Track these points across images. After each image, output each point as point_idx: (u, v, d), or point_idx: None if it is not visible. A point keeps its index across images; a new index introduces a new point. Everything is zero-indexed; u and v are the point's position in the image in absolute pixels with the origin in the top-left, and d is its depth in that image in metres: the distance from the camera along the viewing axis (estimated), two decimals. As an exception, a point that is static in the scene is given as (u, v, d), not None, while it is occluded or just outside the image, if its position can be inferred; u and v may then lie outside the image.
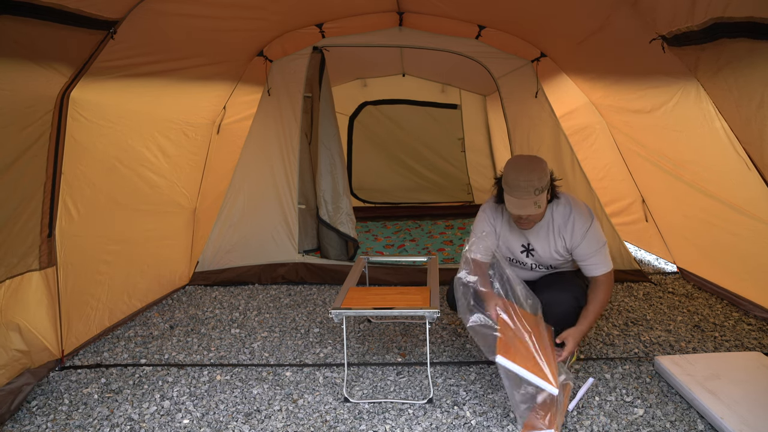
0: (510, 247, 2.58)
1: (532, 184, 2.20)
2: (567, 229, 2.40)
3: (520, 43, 4.00)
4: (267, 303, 3.72)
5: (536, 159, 2.32)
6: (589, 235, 2.38)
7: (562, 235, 2.42)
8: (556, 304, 2.38)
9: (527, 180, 2.20)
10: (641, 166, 4.00)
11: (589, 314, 2.37)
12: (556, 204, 2.43)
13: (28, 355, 2.50)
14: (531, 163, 2.28)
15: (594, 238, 2.39)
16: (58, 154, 2.57)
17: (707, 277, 3.70)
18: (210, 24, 3.11)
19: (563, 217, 2.41)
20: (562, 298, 2.39)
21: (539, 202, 2.22)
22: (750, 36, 1.83)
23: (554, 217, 2.43)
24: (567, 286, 2.45)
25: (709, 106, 2.60)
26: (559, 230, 2.42)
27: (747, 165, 2.56)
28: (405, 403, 2.37)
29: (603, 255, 2.41)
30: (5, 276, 2.38)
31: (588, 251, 2.40)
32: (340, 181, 4.19)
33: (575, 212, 2.39)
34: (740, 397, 2.19)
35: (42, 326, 2.59)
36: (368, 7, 3.84)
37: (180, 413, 2.34)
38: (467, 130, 6.56)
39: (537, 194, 2.21)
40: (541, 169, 2.25)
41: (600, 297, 2.39)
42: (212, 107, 4.04)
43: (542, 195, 2.23)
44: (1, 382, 2.32)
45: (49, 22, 2.11)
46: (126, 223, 3.27)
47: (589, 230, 2.37)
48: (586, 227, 2.37)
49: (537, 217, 2.35)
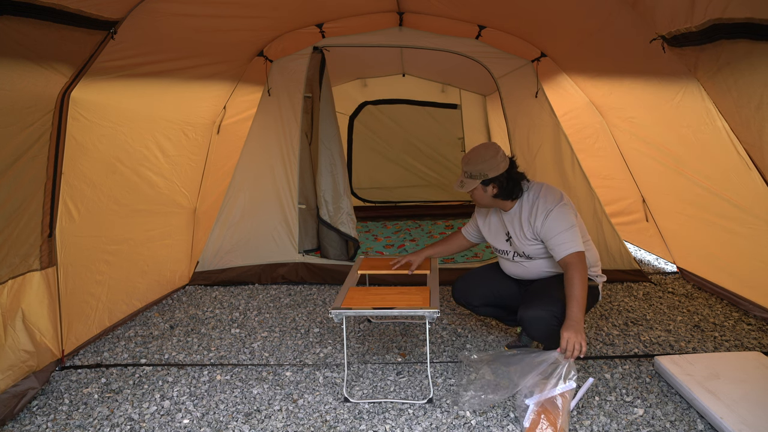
0: (497, 236, 2.70)
1: (468, 167, 2.48)
2: (533, 215, 2.46)
3: (520, 43, 4.00)
4: (267, 303, 3.73)
5: (486, 145, 2.52)
6: (552, 216, 2.39)
7: (530, 220, 2.48)
8: (537, 323, 2.35)
9: (466, 161, 2.49)
10: (642, 166, 4.00)
11: (572, 300, 2.24)
12: (527, 193, 2.53)
13: (35, 357, 2.49)
14: (477, 148, 2.53)
15: (558, 219, 2.38)
16: (58, 154, 2.57)
17: (707, 277, 3.70)
18: (210, 24, 3.12)
19: (530, 203, 2.50)
20: (541, 316, 2.34)
21: (464, 184, 2.50)
22: (749, 37, 1.83)
23: (523, 205, 2.53)
24: (546, 303, 2.36)
25: (710, 105, 2.60)
26: (528, 217, 2.49)
27: (748, 165, 2.57)
28: (405, 403, 2.37)
29: (569, 234, 2.35)
30: (8, 276, 2.37)
31: (552, 232, 2.38)
32: (341, 181, 4.19)
33: (541, 197, 2.47)
34: (740, 397, 2.19)
35: (44, 326, 2.59)
36: (368, 7, 3.84)
37: (180, 413, 2.35)
38: (467, 129, 6.57)
39: (466, 177, 2.48)
40: (482, 154, 2.46)
41: (575, 279, 2.27)
42: (212, 107, 4.04)
43: (471, 181, 2.46)
44: (6, 384, 2.31)
45: (50, 22, 2.11)
46: (126, 223, 3.27)
47: (552, 211, 2.39)
48: (549, 209, 2.41)
49: (476, 200, 2.59)
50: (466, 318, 3.34)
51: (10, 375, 2.34)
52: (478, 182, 2.45)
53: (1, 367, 2.31)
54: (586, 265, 2.34)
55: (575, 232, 2.38)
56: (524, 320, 2.38)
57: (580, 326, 2.19)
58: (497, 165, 2.43)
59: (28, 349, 2.45)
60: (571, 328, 2.16)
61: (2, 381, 2.29)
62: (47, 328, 2.62)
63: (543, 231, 2.42)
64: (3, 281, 2.35)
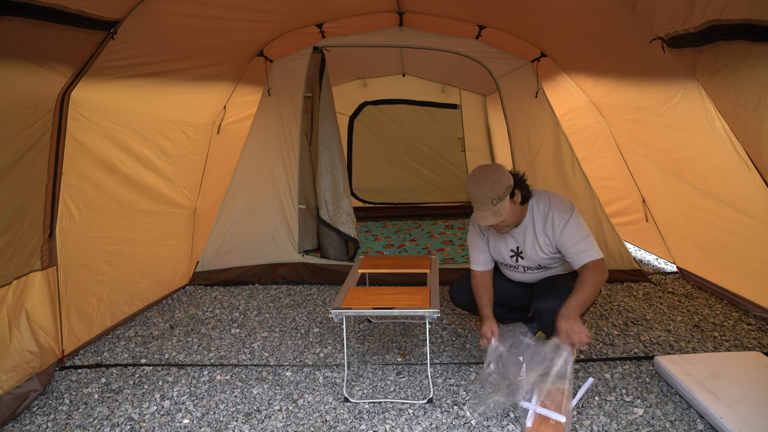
0: (500, 252, 2.63)
1: (486, 196, 2.25)
2: (548, 226, 2.43)
3: (520, 42, 4.00)
4: (267, 303, 3.73)
5: (490, 168, 2.34)
6: (570, 226, 2.38)
7: (545, 232, 2.44)
8: (546, 313, 2.36)
9: (480, 192, 2.26)
10: (642, 166, 4.00)
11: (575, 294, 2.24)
12: (536, 203, 2.46)
13: (38, 357, 2.50)
14: (483, 173, 2.31)
15: (575, 228, 2.38)
16: (58, 154, 2.57)
17: (707, 277, 3.70)
18: (210, 24, 3.12)
19: (543, 215, 2.45)
20: (552, 306, 2.34)
21: (499, 211, 2.26)
22: (747, 38, 1.83)
23: (534, 216, 2.47)
24: (557, 293, 2.39)
25: (709, 106, 2.61)
26: (543, 228, 2.45)
27: (747, 165, 2.57)
28: (405, 403, 2.38)
29: (587, 243, 2.37)
30: (13, 276, 2.38)
31: (571, 241, 2.39)
32: (341, 181, 4.19)
33: (554, 208, 2.42)
34: (740, 397, 2.19)
35: (47, 326, 2.60)
36: (368, 7, 3.84)
37: (180, 413, 2.35)
38: (467, 129, 6.57)
39: (495, 204, 2.25)
40: (493, 179, 2.27)
41: (587, 280, 2.27)
42: (212, 107, 4.04)
43: (501, 203, 2.26)
44: (10, 385, 2.31)
45: (50, 23, 2.11)
46: (126, 224, 3.27)
47: (568, 222, 2.38)
48: (565, 219, 2.39)
49: (508, 221, 2.37)
50: (466, 318, 3.34)
51: (14, 376, 2.34)
52: (507, 198, 2.29)
53: (6, 367, 2.31)
54: (604, 272, 2.34)
55: (592, 239, 2.40)
56: (540, 312, 2.38)
57: (576, 315, 2.20)
58: (506, 174, 2.36)
59: (32, 349, 2.45)
60: (567, 317, 2.18)
61: (6, 382, 2.29)
62: (50, 329, 2.62)
63: (561, 241, 2.41)
64: (8, 282, 2.35)
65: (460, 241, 5.23)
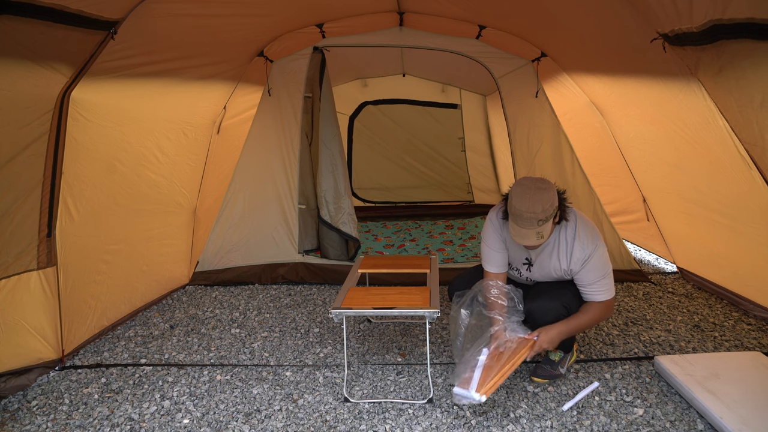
0: (514, 257, 2.54)
1: (536, 216, 2.11)
2: (567, 254, 2.34)
3: (520, 42, 4.00)
4: (267, 303, 3.73)
5: (543, 186, 2.17)
6: (589, 265, 2.30)
7: (563, 259, 2.36)
8: (547, 312, 2.34)
9: (531, 211, 2.11)
10: (643, 165, 4.00)
11: (571, 320, 2.32)
12: (565, 227, 2.33)
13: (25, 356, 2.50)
14: (537, 192, 2.14)
15: (594, 267, 2.31)
16: (58, 154, 2.57)
17: (707, 276, 3.70)
18: (210, 24, 3.11)
19: (566, 243, 2.33)
20: (545, 305, 2.34)
21: (542, 233, 2.14)
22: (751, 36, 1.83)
23: (560, 239, 2.35)
24: (555, 295, 2.38)
25: (711, 105, 2.60)
26: (565, 254, 2.35)
27: (748, 164, 2.56)
28: (405, 403, 2.38)
29: (602, 284, 2.33)
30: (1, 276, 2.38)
31: (587, 280, 2.34)
32: (342, 181, 4.19)
33: (577, 241, 2.30)
34: (740, 397, 2.19)
35: (39, 326, 2.60)
36: (368, 7, 3.84)
37: (180, 413, 2.35)
38: (467, 129, 6.57)
39: (540, 225, 2.13)
40: (546, 199, 2.13)
41: (589, 313, 2.35)
42: (212, 107, 4.04)
43: (546, 224, 2.15)
44: None
45: (50, 23, 2.11)
46: (126, 223, 3.27)
47: (588, 260, 2.29)
48: (585, 256, 2.29)
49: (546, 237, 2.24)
50: (466, 318, 3.34)
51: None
52: (551, 220, 2.18)
53: None
54: (610, 310, 2.40)
55: (610, 278, 2.35)
56: (533, 311, 2.36)
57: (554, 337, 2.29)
58: (555, 193, 2.22)
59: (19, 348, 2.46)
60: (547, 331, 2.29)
61: None
62: (44, 328, 2.62)
63: (579, 276, 2.36)
64: None
65: (460, 241, 5.23)
